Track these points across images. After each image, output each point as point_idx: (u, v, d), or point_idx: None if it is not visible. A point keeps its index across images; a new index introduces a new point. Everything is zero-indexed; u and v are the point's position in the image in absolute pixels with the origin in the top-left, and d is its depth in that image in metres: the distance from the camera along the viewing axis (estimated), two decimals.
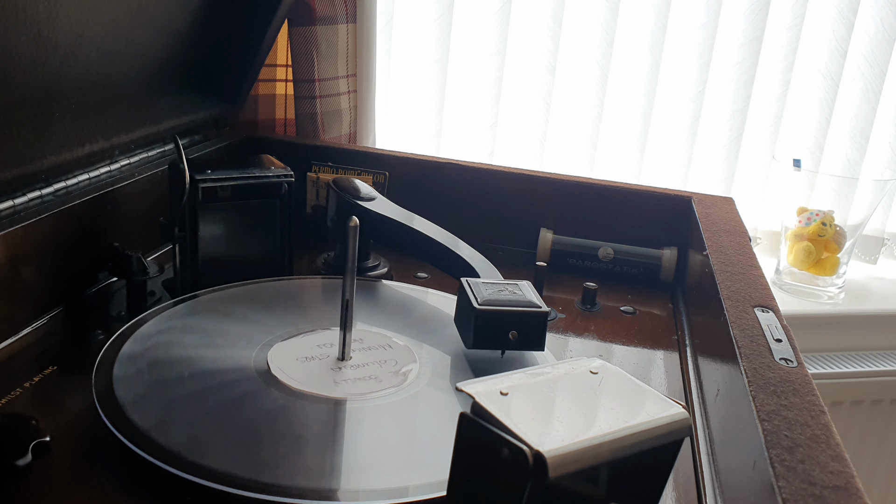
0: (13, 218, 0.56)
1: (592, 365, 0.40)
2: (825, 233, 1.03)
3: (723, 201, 0.79)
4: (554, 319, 0.67)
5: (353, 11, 0.94)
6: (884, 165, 1.12)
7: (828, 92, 1.09)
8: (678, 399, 0.51)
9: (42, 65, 0.58)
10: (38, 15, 0.55)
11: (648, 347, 0.65)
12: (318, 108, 0.94)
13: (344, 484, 0.42)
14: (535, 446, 0.32)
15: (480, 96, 1.08)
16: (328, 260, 0.72)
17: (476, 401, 0.35)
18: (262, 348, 0.53)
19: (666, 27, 1.05)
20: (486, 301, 0.54)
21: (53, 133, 0.61)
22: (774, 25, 1.06)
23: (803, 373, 0.44)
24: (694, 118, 1.09)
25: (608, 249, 0.77)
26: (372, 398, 0.49)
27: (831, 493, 0.33)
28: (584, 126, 1.09)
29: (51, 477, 0.42)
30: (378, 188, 0.76)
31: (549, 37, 1.05)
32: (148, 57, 0.73)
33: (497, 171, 0.82)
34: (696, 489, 0.46)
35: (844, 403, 1.04)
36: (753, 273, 0.60)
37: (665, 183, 1.08)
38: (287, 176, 0.65)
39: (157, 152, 0.75)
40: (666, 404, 0.37)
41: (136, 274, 0.60)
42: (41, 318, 0.57)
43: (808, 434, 0.38)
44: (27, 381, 0.50)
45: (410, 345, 0.56)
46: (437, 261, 0.66)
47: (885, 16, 1.06)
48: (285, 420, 0.47)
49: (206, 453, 0.42)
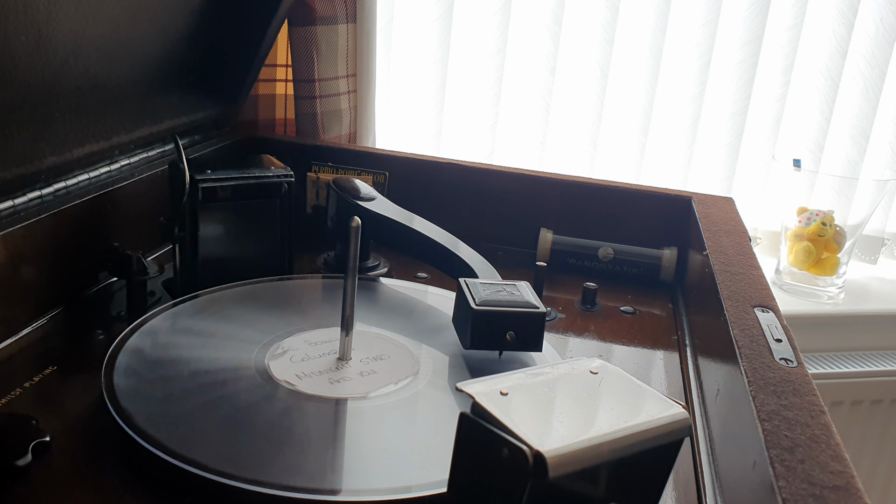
0: (13, 218, 0.56)
1: (592, 365, 0.40)
2: (825, 233, 1.03)
3: (723, 201, 0.79)
4: (554, 319, 0.67)
5: (353, 11, 0.94)
6: (884, 165, 1.12)
7: (828, 92, 1.09)
8: (678, 399, 0.51)
9: (42, 65, 0.58)
10: (38, 15, 0.55)
11: (648, 347, 0.65)
12: (318, 108, 0.94)
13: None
14: (535, 446, 0.32)
15: (480, 96, 1.08)
16: (328, 260, 0.72)
17: (476, 401, 0.35)
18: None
19: (666, 27, 1.05)
20: (483, 301, 0.54)
21: (53, 133, 0.61)
22: (774, 25, 1.06)
23: (803, 373, 0.44)
24: (694, 118, 1.09)
25: (608, 249, 0.77)
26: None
27: (831, 493, 0.33)
28: (584, 126, 1.09)
29: (51, 477, 0.42)
30: (378, 188, 0.76)
31: (549, 37, 1.05)
32: (148, 57, 0.73)
33: (497, 171, 0.82)
34: (696, 489, 0.46)
35: (844, 403, 1.04)
36: (753, 273, 0.60)
37: (665, 183, 1.08)
38: (287, 176, 0.65)
39: (157, 152, 0.75)
40: (666, 404, 0.37)
41: (136, 274, 0.60)
42: (41, 318, 0.57)
43: (808, 434, 0.38)
44: (27, 381, 0.50)
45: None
46: (437, 261, 0.66)
47: (885, 16, 1.06)
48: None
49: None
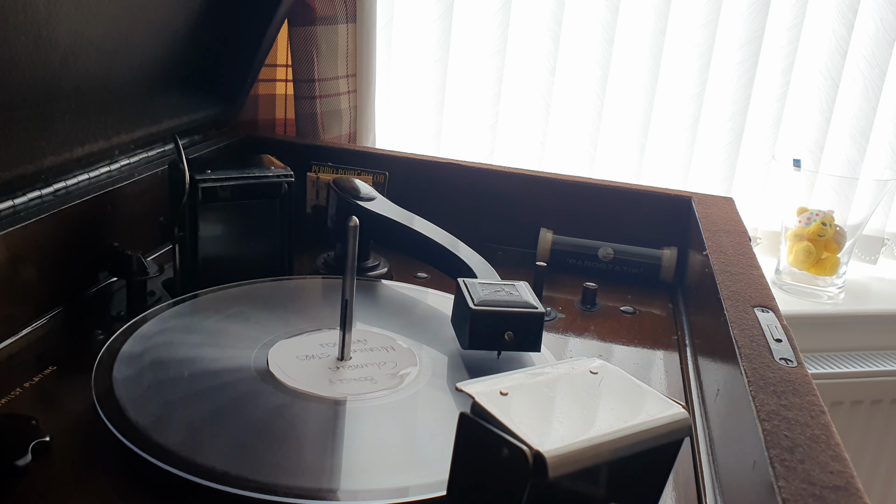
0: (13, 218, 0.55)
1: (592, 365, 0.40)
2: (825, 233, 1.03)
3: (723, 201, 0.79)
4: (554, 319, 0.67)
5: (353, 11, 0.94)
6: (884, 165, 1.12)
7: (828, 92, 1.09)
8: (678, 399, 0.51)
9: (42, 65, 0.58)
10: (38, 15, 0.55)
11: (648, 347, 0.65)
12: (318, 108, 0.94)
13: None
14: (535, 446, 0.32)
15: (480, 96, 1.08)
16: (328, 260, 0.72)
17: (476, 401, 0.35)
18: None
19: (666, 27, 1.05)
20: (482, 301, 0.54)
21: (53, 133, 0.61)
22: (774, 25, 1.06)
23: (803, 373, 0.44)
24: (694, 118, 1.09)
25: (608, 249, 0.77)
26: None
27: (831, 493, 0.33)
28: (584, 126, 1.09)
29: (51, 477, 0.42)
30: (378, 188, 0.76)
31: (549, 37, 1.05)
32: (148, 57, 0.73)
33: (497, 171, 0.82)
34: (696, 489, 0.46)
35: (844, 403, 1.04)
36: (753, 273, 0.60)
37: (665, 183, 1.08)
38: (287, 176, 0.65)
39: (157, 152, 0.75)
40: (666, 404, 0.37)
41: (136, 274, 0.60)
42: (41, 318, 0.57)
43: (808, 434, 0.38)
44: (27, 381, 0.50)
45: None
46: (437, 261, 0.66)
47: (885, 16, 1.06)
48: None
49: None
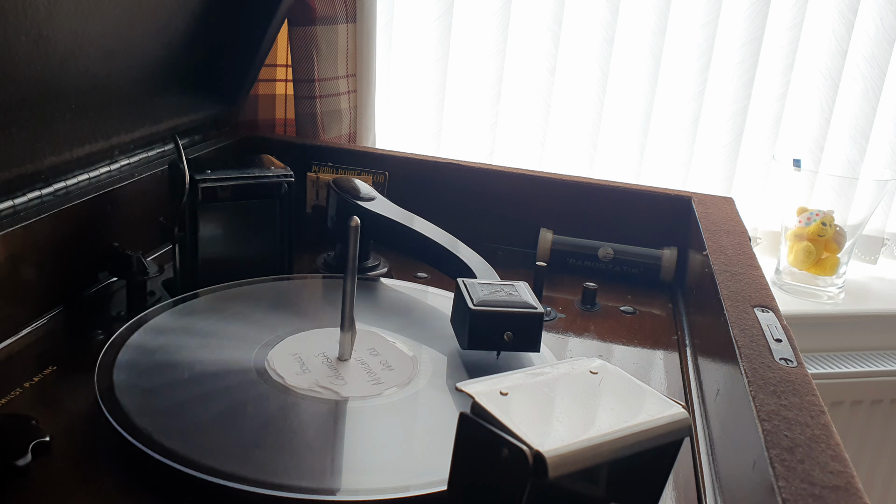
0: (13, 218, 0.55)
1: (592, 365, 0.40)
2: (825, 233, 1.03)
3: (723, 201, 0.79)
4: (554, 319, 0.67)
5: (353, 11, 0.94)
6: (884, 165, 1.12)
7: (828, 92, 1.09)
8: (678, 399, 0.51)
9: (42, 65, 0.58)
10: (38, 15, 0.55)
11: (648, 347, 0.65)
12: (318, 108, 0.94)
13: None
14: (535, 446, 0.32)
15: (480, 96, 1.08)
16: (328, 260, 0.72)
17: (476, 401, 0.35)
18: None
19: (666, 27, 1.05)
20: (481, 302, 0.54)
21: (53, 133, 0.61)
22: (774, 25, 1.06)
23: (803, 373, 0.44)
24: (694, 118, 1.09)
25: (608, 249, 0.77)
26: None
27: (831, 493, 0.33)
28: (584, 126, 1.09)
29: (51, 477, 0.42)
30: (378, 188, 0.76)
31: (549, 37, 1.05)
32: (148, 57, 0.73)
33: (497, 171, 0.82)
34: (696, 489, 0.46)
35: (844, 403, 1.04)
36: (753, 273, 0.60)
37: (665, 183, 1.08)
38: (287, 176, 0.65)
39: (157, 152, 0.75)
40: (666, 404, 0.37)
41: (136, 274, 0.60)
42: (41, 318, 0.57)
43: (808, 434, 0.38)
44: (27, 381, 0.50)
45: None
46: (437, 261, 0.66)
47: (885, 16, 1.06)
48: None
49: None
